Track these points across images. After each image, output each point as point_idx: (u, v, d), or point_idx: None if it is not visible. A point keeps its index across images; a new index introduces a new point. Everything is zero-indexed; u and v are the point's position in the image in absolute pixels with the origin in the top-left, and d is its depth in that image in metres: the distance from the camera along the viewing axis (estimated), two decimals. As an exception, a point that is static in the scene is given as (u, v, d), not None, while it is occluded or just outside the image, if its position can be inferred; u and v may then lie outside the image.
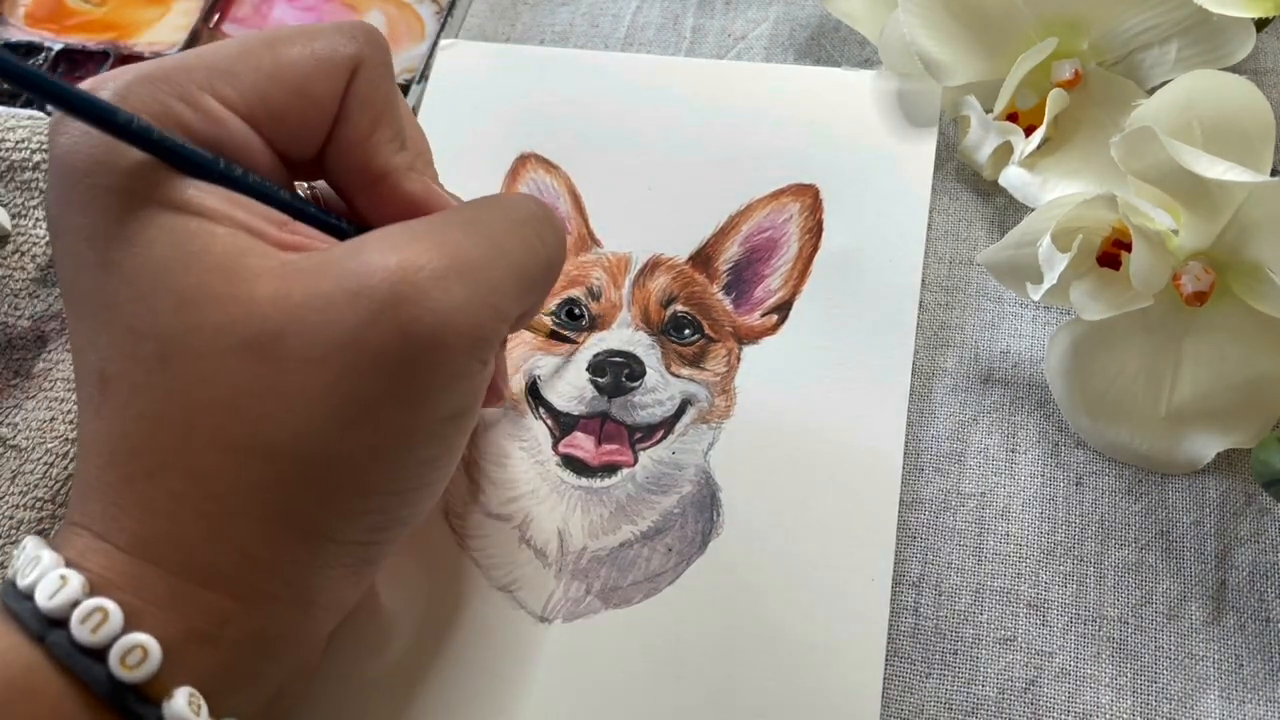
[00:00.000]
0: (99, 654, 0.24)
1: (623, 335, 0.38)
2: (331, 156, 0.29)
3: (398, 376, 0.25)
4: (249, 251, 0.25)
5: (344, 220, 0.29)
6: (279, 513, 0.25)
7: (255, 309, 0.25)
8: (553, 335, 0.38)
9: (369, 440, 0.25)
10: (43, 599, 0.24)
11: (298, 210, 0.28)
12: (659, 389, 0.37)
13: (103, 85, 0.26)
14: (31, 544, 0.25)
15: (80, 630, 0.23)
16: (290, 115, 0.28)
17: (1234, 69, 0.35)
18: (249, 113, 0.27)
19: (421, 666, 0.33)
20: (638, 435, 0.36)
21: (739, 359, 0.37)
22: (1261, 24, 0.37)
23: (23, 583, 0.25)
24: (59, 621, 0.24)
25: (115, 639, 0.24)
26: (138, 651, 0.24)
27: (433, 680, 0.33)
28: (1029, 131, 0.38)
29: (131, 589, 0.24)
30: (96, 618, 0.24)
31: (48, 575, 0.24)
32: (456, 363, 0.26)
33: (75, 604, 0.24)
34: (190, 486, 0.25)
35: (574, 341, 0.38)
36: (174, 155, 0.26)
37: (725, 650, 0.33)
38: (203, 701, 0.24)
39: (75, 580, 0.24)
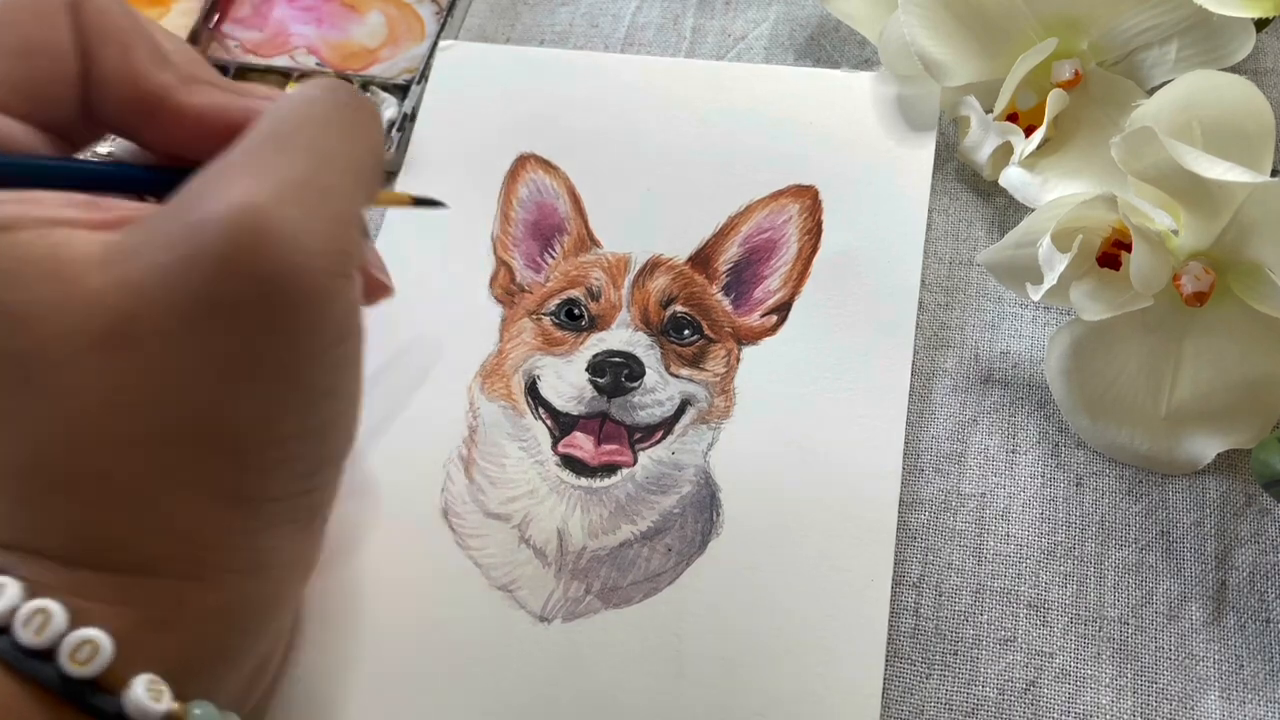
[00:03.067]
0: (47, 654, 0.23)
1: (622, 335, 0.38)
2: (99, 103, 0.27)
3: (265, 320, 0.24)
4: (64, 246, 0.24)
5: (145, 170, 0.27)
6: (201, 489, 0.24)
7: (95, 303, 0.23)
8: (417, 202, 0.35)
9: (260, 390, 0.24)
10: None
11: (94, 178, 0.26)
12: (658, 389, 0.37)
13: None
14: None
15: (24, 633, 0.23)
16: (33, 81, 0.26)
17: (1234, 69, 0.35)
18: None
19: (421, 666, 0.33)
20: (637, 435, 0.36)
21: (738, 359, 0.37)
22: (1261, 24, 0.37)
23: None
24: (2, 629, 0.23)
25: (61, 637, 0.23)
26: (87, 648, 0.23)
27: (432, 680, 0.33)
28: (1029, 131, 0.38)
29: (74, 590, 0.24)
30: (38, 620, 0.23)
31: None
32: (319, 288, 0.24)
33: (14, 610, 0.23)
34: (100, 491, 0.24)
35: (439, 204, 0.35)
36: None
37: (725, 650, 0.33)
38: (164, 686, 0.24)
39: (13, 587, 0.23)
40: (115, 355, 0.23)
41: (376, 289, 0.32)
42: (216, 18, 0.49)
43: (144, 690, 0.23)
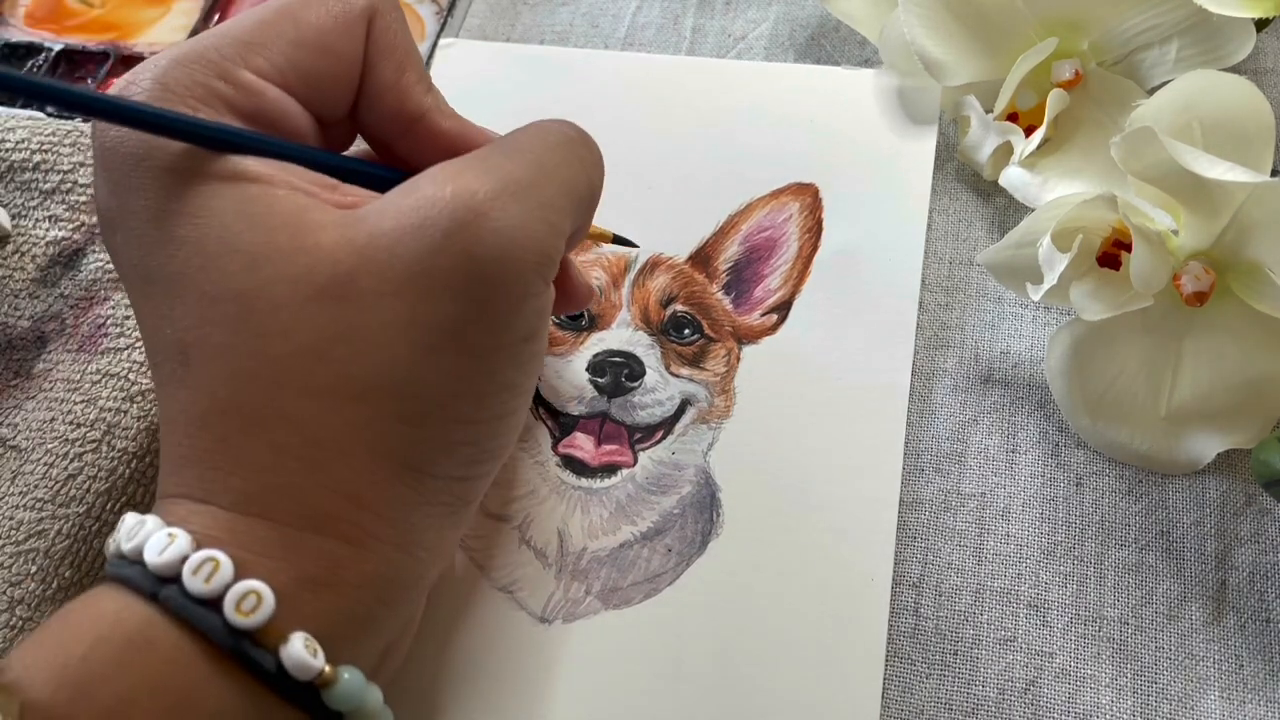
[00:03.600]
0: (213, 604, 0.24)
1: (622, 335, 0.38)
2: (364, 110, 0.30)
3: (470, 298, 0.26)
4: (309, 208, 0.26)
5: (388, 170, 0.29)
6: (378, 450, 0.26)
7: (324, 256, 0.26)
8: (616, 240, 0.37)
9: (451, 366, 0.26)
10: (152, 556, 0.24)
11: (344, 170, 0.29)
12: (658, 389, 0.37)
13: (141, 75, 0.27)
14: (130, 517, 0.26)
15: (193, 581, 0.24)
16: (321, 75, 0.29)
17: (1234, 69, 0.35)
18: (282, 80, 0.28)
19: (421, 667, 0.33)
20: (637, 435, 0.36)
21: (739, 359, 0.37)
22: (1261, 24, 0.37)
23: (128, 546, 0.25)
24: (170, 579, 0.24)
25: (228, 587, 0.24)
26: (252, 597, 0.24)
27: (432, 680, 0.33)
28: (1029, 131, 0.38)
29: (239, 543, 0.25)
30: (208, 568, 0.24)
31: (154, 535, 0.25)
32: (523, 279, 0.26)
33: (185, 558, 0.24)
34: (288, 436, 0.25)
35: (633, 245, 0.38)
36: (214, 141, 0.27)
37: (725, 650, 0.33)
38: (318, 646, 0.25)
39: (183, 537, 0.24)
40: (330, 307, 0.25)
41: (584, 293, 0.35)
42: (216, 18, 0.49)
43: (302, 645, 0.24)
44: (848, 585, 0.33)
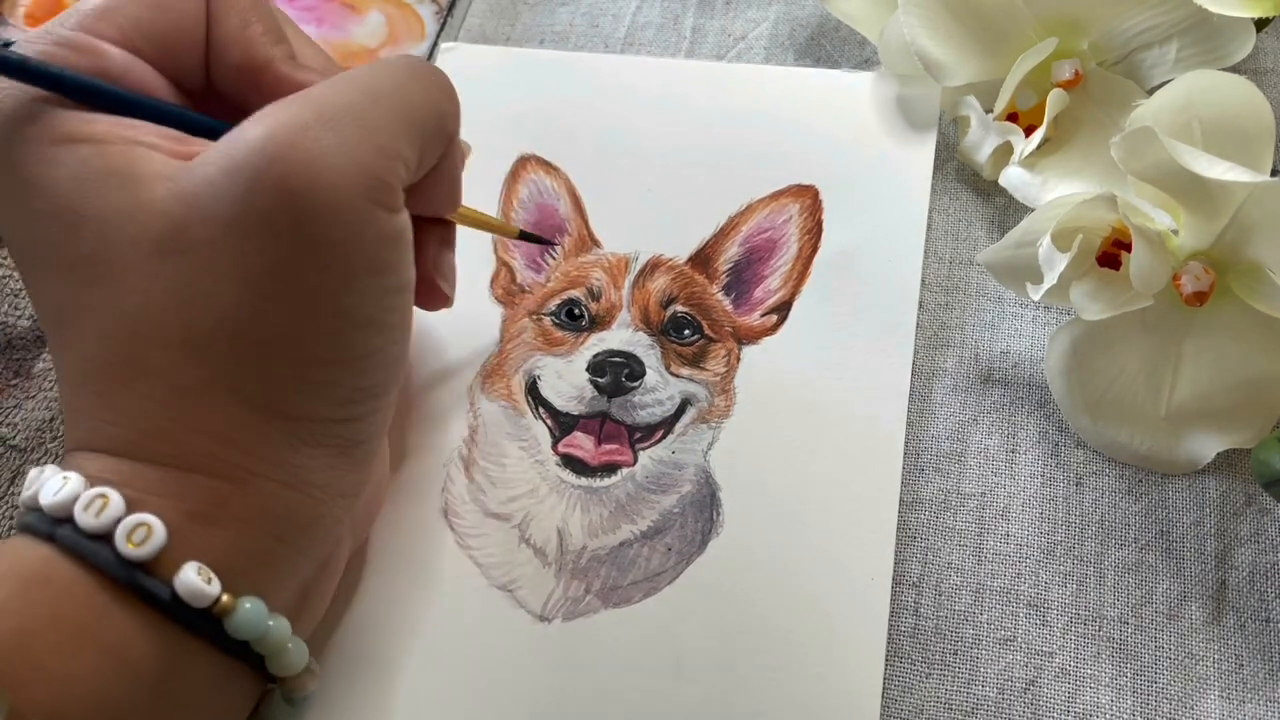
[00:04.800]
0: (106, 538, 0.25)
1: (622, 335, 0.38)
2: (215, 68, 0.30)
3: (293, 233, 0.25)
4: (141, 162, 0.27)
5: (231, 124, 0.29)
6: (236, 395, 0.26)
7: (156, 210, 0.26)
8: (522, 235, 0.38)
9: (289, 305, 0.26)
10: (46, 498, 0.25)
11: (188, 122, 0.29)
12: (659, 389, 0.37)
13: None
14: (33, 471, 0.27)
15: (84, 517, 0.25)
16: (165, 33, 0.29)
17: (1234, 69, 0.35)
18: (128, 42, 0.29)
19: (421, 666, 0.33)
20: (637, 435, 0.36)
21: (739, 359, 0.37)
22: (1261, 24, 0.37)
23: (27, 494, 0.26)
24: (65, 519, 0.25)
25: (119, 520, 0.25)
26: (142, 529, 0.25)
27: (432, 679, 0.33)
28: (1029, 131, 0.38)
29: (128, 483, 0.26)
30: (98, 503, 0.25)
31: (49, 480, 0.26)
32: (350, 206, 0.26)
33: (77, 497, 0.25)
34: (153, 386, 0.26)
35: (549, 242, 0.39)
36: (58, 83, 0.27)
37: (725, 650, 0.33)
38: (213, 575, 0.26)
39: (75, 479, 0.26)
40: (168, 260, 0.26)
41: (436, 296, 0.34)
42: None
43: (194, 573, 0.25)
44: (848, 585, 0.33)
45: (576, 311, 0.39)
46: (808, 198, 0.40)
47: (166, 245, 0.26)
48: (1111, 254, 0.33)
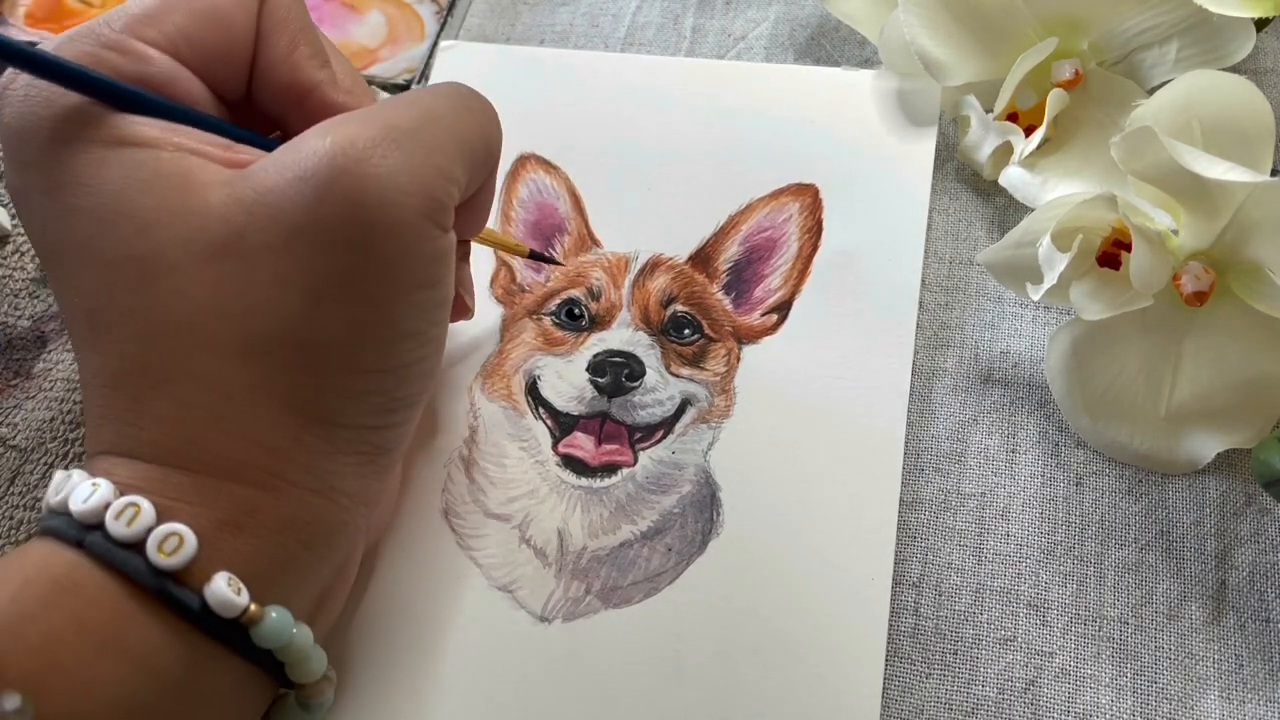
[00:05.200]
0: (136, 546, 0.25)
1: (622, 335, 0.38)
2: (259, 85, 0.30)
3: (358, 245, 0.26)
4: (196, 169, 0.27)
5: (278, 140, 0.29)
6: (283, 400, 0.27)
7: (213, 215, 0.26)
8: (532, 255, 0.38)
9: (347, 314, 0.27)
10: (76, 505, 0.25)
11: (235, 134, 0.29)
12: (659, 389, 0.37)
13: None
14: (59, 474, 0.27)
15: (116, 526, 0.25)
16: (212, 45, 0.29)
17: (1234, 69, 0.35)
18: (173, 49, 0.29)
19: (421, 666, 0.33)
20: (637, 435, 0.36)
21: (739, 359, 0.37)
22: (1261, 24, 0.37)
23: (55, 500, 0.26)
24: (94, 526, 0.25)
25: (150, 529, 0.25)
26: (174, 539, 0.25)
27: (432, 680, 0.33)
28: (1029, 131, 0.38)
29: (159, 491, 0.26)
30: (130, 512, 0.25)
31: (78, 486, 0.26)
32: (412, 224, 0.27)
33: (108, 505, 0.25)
34: (195, 391, 0.26)
35: (558, 262, 0.39)
36: (106, 92, 0.27)
37: (725, 650, 0.33)
38: (242, 584, 0.26)
39: (105, 485, 0.25)
40: (223, 265, 0.26)
41: (459, 308, 0.35)
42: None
43: (225, 583, 0.25)
44: (848, 585, 0.33)
45: (576, 311, 0.39)
46: (808, 197, 0.40)
47: (223, 249, 0.26)
48: (1111, 254, 0.33)
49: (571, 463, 0.36)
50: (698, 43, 0.46)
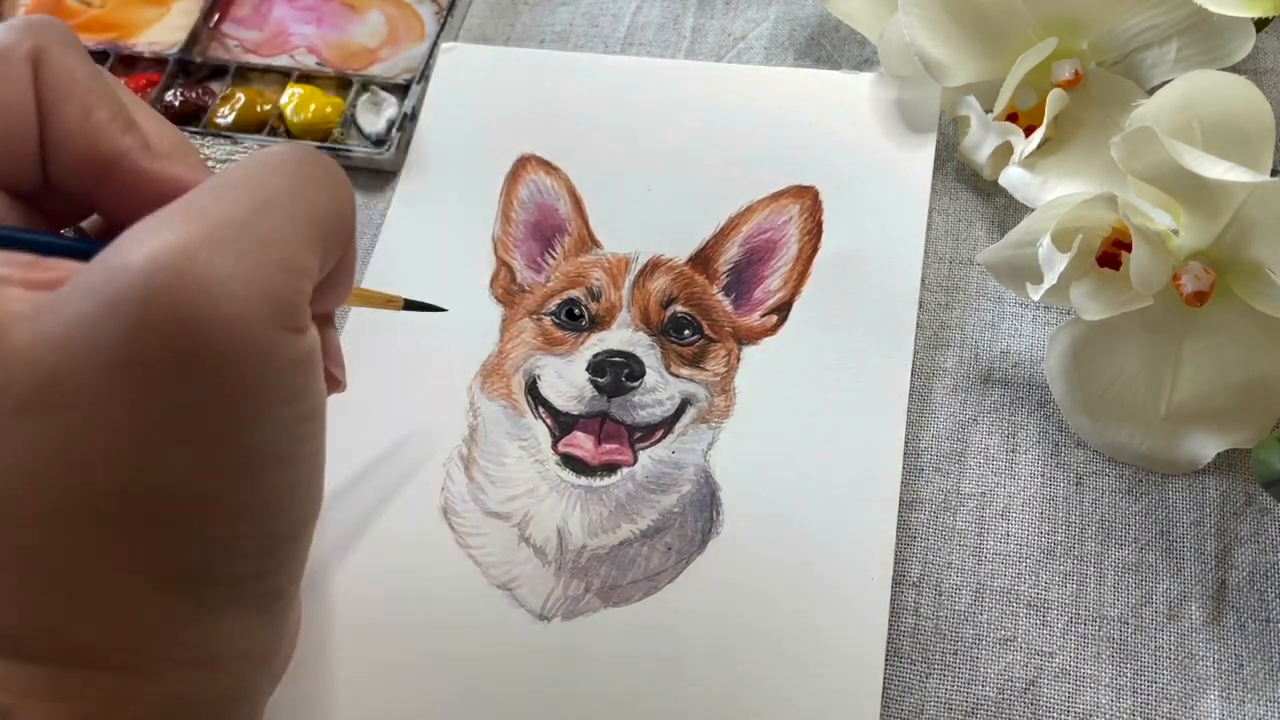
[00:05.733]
0: None
1: (623, 335, 0.38)
2: (55, 165, 0.26)
3: (193, 375, 0.21)
4: None
5: (93, 241, 0.26)
6: (136, 568, 0.22)
7: (18, 360, 0.21)
8: (409, 305, 0.35)
9: (195, 455, 0.22)
10: None
11: (36, 244, 0.24)
12: (659, 389, 0.37)
13: None
14: None
15: None
16: None
17: (1234, 69, 0.35)
18: None
19: (421, 665, 0.33)
20: (637, 435, 0.36)
21: (739, 359, 0.37)
22: (1261, 24, 0.37)
23: None
24: None
25: None
26: None
27: (432, 679, 0.33)
28: (1029, 131, 0.38)
29: (4, 687, 0.22)
30: None
31: None
32: (257, 337, 0.22)
33: None
34: (27, 571, 0.22)
35: (438, 309, 0.36)
36: None
37: (725, 649, 0.33)
38: None
39: None
40: (39, 417, 0.21)
41: (330, 382, 0.29)
42: (216, 17, 0.49)
43: None
44: (848, 585, 0.33)
45: (576, 311, 0.39)
46: (808, 198, 0.40)
47: (35, 400, 0.21)
48: (1111, 254, 0.33)
49: (571, 462, 0.36)
50: (697, 43, 0.46)
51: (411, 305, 0.35)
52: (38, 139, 0.25)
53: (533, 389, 0.37)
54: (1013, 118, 0.39)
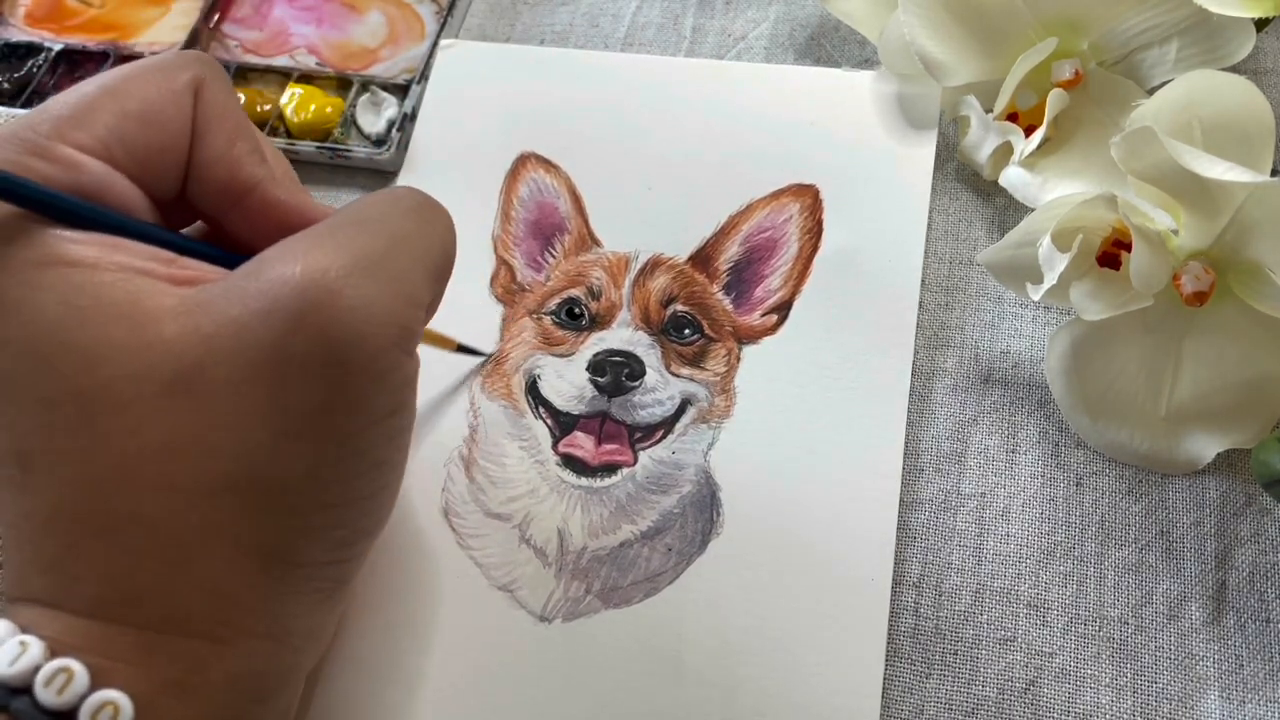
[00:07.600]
0: (68, 716, 0.23)
1: (623, 335, 0.38)
2: (195, 183, 0.29)
3: (329, 381, 0.25)
4: (143, 293, 0.25)
5: (225, 253, 0.28)
6: (243, 544, 0.25)
7: (167, 350, 0.24)
8: (461, 349, 0.37)
9: (315, 451, 0.25)
10: (2, 667, 0.23)
11: (178, 245, 0.27)
12: (659, 389, 0.37)
13: None
14: None
15: (45, 693, 0.23)
16: (147, 146, 0.27)
17: (1234, 69, 0.35)
18: (106, 152, 0.27)
19: (421, 666, 0.33)
20: (637, 435, 0.36)
21: (739, 359, 0.37)
22: (1261, 24, 0.37)
23: None
24: (22, 689, 0.23)
25: (83, 698, 0.23)
26: (108, 709, 0.23)
27: (433, 680, 0.33)
28: (1029, 131, 0.38)
29: (95, 649, 0.24)
30: (62, 679, 0.23)
31: (5, 644, 0.23)
32: (383, 357, 0.25)
33: (37, 668, 0.23)
34: (144, 538, 0.24)
35: (481, 354, 0.38)
36: (38, 203, 0.25)
37: (725, 650, 0.33)
38: None
39: (35, 645, 0.23)
40: (180, 401, 0.24)
41: None
42: (216, 17, 0.49)
43: None
44: (848, 585, 0.33)
45: (577, 310, 0.39)
46: (808, 197, 0.40)
47: (180, 385, 0.24)
48: (1111, 254, 0.33)
49: (571, 462, 0.36)
50: (698, 43, 0.46)
51: (463, 349, 0.37)
52: (187, 158, 0.28)
53: (533, 389, 0.37)
54: (1013, 117, 0.39)
